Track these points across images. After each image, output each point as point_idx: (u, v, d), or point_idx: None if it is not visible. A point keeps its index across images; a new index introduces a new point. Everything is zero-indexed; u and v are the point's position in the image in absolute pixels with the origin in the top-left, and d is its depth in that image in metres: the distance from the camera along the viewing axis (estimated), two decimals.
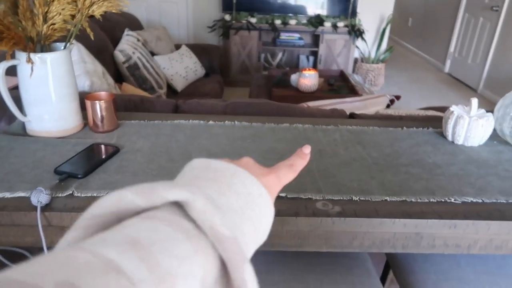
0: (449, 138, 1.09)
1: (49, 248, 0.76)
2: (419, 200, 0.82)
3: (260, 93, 2.93)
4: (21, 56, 0.92)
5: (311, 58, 4.50)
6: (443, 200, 0.82)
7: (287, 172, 0.41)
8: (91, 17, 1.07)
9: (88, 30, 1.09)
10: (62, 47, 1.03)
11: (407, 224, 0.78)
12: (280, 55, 4.40)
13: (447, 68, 5.36)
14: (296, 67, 4.42)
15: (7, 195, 0.76)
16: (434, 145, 1.07)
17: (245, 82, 4.14)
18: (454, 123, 1.06)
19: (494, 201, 0.83)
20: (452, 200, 0.83)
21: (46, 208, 0.74)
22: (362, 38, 4.25)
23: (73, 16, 1.03)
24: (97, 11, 1.03)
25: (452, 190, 0.86)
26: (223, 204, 0.31)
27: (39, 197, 0.72)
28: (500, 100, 1.06)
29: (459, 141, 1.07)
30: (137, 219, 0.27)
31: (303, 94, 2.84)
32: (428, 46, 5.94)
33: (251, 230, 0.32)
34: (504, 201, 0.83)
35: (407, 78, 5.05)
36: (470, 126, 1.03)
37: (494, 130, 1.10)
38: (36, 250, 1.03)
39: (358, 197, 0.82)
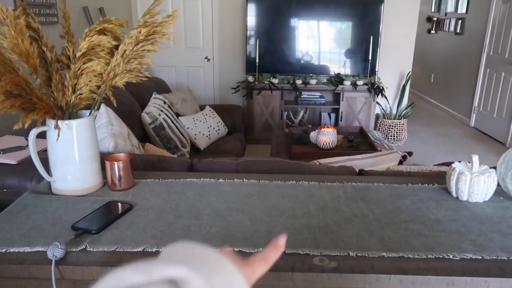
0: (453, 194, 1.10)
1: None
2: (416, 256, 0.83)
3: (280, 151, 3.01)
4: (50, 123, 1.03)
5: (333, 115, 4.59)
6: (441, 257, 0.83)
7: (261, 265, 0.42)
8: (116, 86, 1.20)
9: (112, 98, 1.22)
10: (88, 114, 1.14)
11: (403, 280, 0.78)
12: (302, 113, 4.53)
13: (472, 123, 5.31)
14: (318, 124, 4.51)
15: (27, 249, 0.84)
16: (438, 201, 1.08)
17: (268, 140, 4.24)
18: (456, 180, 1.08)
19: (494, 257, 0.83)
20: (451, 256, 0.83)
21: (60, 262, 0.80)
22: (383, 95, 4.34)
23: (98, 87, 1.16)
24: (120, 82, 1.15)
25: (451, 247, 0.86)
26: (214, 284, 0.32)
27: (55, 252, 0.79)
28: (502, 155, 1.08)
29: (463, 197, 1.08)
30: None
31: (322, 151, 2.89)
32: (452, 101, 5.95)
33: None
34: (506, 258, 0.83)
35: (432, 133, 5.03)
36: (472, 182, 1.05)
37: (500, 186, 1.11)
38: None
39: (355, 253, 0.84)
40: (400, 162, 1.76)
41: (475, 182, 1.05)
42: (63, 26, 1.16)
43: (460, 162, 1.13)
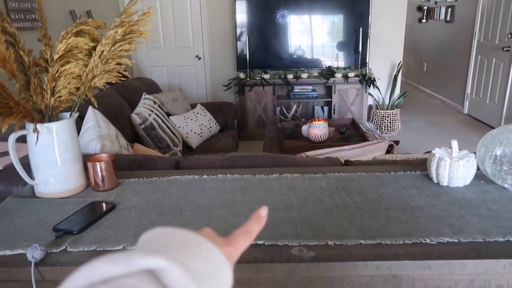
0: (434, 180, 1.11)
1: None
2: (394, 242, 0.84)
3: (272, 146, 3.01)
4: (30, 126, 1.03)
5: (326, 109, 4.60)
6: (418, 242, 0.84)
7: (244, 239, 0.41)
8: (95, 87, 1.20)
9: (93, 99, 1.22)
10: (68, 116, 1.15)
11: (380, 266, 0.79)
12: (294, 107, 4.53)
13: (466, 110, 5.32)
14: (311, 118, 4.52)
15: (8, 252, 0.84)
16: (419, 188, 1.09)
17: (262, 136, 4.24)
18: (436, 165, 1.08)
19: (471, 240, 0.84)
20: (428, 241, 0.84)
21: (40, 263, 0.81)
22: (374, 86, 4.34)
23: (77, 89, 1.16)
24: (99, 82, 1.16)
25: (429, 232, 0.87)
26: (193, 270, 0.32)
27: (34, 253, 0.80)
28: (481, 139, 1.08)
29: (444, 182, 1.08)
30: None
31: (313, 144, 2.90)
32: (445, 89, 5.96)
33: None
34: (482, 240, 0.84)
35: (425, 122, 5.04)
36: (452, 167, 1.06)
37: (480, 170, 1.12)
38: None
39: (333, 242, 0.84)
40: (388, 151, 1.76)
41: (454, 167, 1.05)
42: (40, 29, 1.16)
43: (440, 148, 1.14)
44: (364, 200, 1.03)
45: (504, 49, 4.39)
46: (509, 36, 4.33)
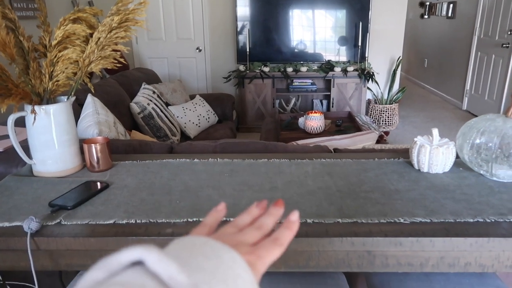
0: (416, 166, 1.15)
1: (37, 270, 0.87)
2: (369, 221, 0.89)
3: (269, 137, 3.06)
4: (28, 108, 1.08)
5: (325, 102, 4.64)
6: (392, 221, 0.89)
7: (271, 249, 0.38)
8: (92, 73, 1.25)
9: (89, 84, 1.27)
10: (65, 99, 1.19)
11: (354, 242, 0.84)
12: (293, 100, 4.57)
13: (465, 106, 5.35)
14: (311, 111, 4.56)
15: (6, 224, 0.89)
16: (400, 174, 1.13)
17: (261, 128, 4.29)
18: (417, 152, 1.13)
19: (442, 220, 0.88)
20: (402, 220, 0.89)
21: (36, 234, 0.86)
22: (373, 81, 4.37)
23: (75, 73, 1.21)
24: (95, 68, 1.20)
25: (404, 212, 0.92)
26: (192, 263, 0.31)
27: (30, 224, 0.85)
28: (461, 128, 1.13)
29: (424, 169, 1.13)
30: None
31: (310, 135, 2.94)
32: (445, 85, 5.97)
33: None
34: (452, 221, 0.88)
35: (424, 117, 5.07)
36: (432, 154, 1.10)
37: (459, 157, 1.16)
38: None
39: (312, 220, 0.89)
40: (378, 142, 1.81)
41: (434, 154, 1.10)
42: (39, 16, 1.21)
43: (423, 136, 1.18)
44: (345, 184, 1.08)
45: (504, 45, 4.41)
46: (509, 32, 4.34)
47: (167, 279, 0.28)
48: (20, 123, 1.25)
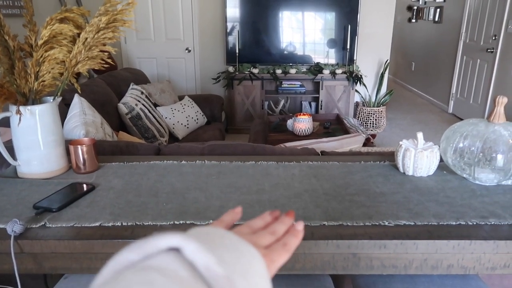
0: (401, 169, 1.17)
1: (21, 273, 0.86)
2: (355, 224, 0.90)
3: (257, 139, 3.06)
4: (12, 108, 1.07)
5: (313, 104, 4.66)
6: (377, 224, 0.90)
7: (282, 253, 0.41)
8: (78, 74, 1.24)
9: (76, 85, 1.26)
10: (51, 100, 1.18)
11: (340, 245, 0.85)
12: (282, 102, 4.58)
13: (450, 109, 5.43)
14: (299, 113, 4.58)
15: None
16: (386, 176, 1.15)
17: (249, 129, 4.30)
18: (402, 156, 1.14)
19: (426, 223, 0.90)
20: (386, 223, 0.90)
21: (20, 237, 0.85)
22: (361, 83, 4.42)
23: (61, 74, 1.20)
24: (82, 68, 1.19)
25: (388, 215, 0.93)
26: (216, 254, 0.31)
27: (14, 227, 0.84)
28: (445, 132, 1.15)
29: (409, 172, 1.15)
30: (130, 272, 0.27)
31: (298, 137, 2.95)
32: (432, 89, 6.06)
33: (245, 285, 0.32)
34: (436, 223, 0.90)
35: (410, 120, 5.13)
36: (416, 157, 1.12)
37: (443, 161, 1.18)
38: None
39: None
40: (365, 144, 1.83)
41: (418, 157, 1.11)
42: (25, 15, 1.19)
43: (408, 140, 1.20)
44: (332, 186, 1.09)
45: (488, 50, 4.49)
46: (494, 38, 4.42)
47: (203, 269, 0.28)
48: (5, 123, 1.24)
